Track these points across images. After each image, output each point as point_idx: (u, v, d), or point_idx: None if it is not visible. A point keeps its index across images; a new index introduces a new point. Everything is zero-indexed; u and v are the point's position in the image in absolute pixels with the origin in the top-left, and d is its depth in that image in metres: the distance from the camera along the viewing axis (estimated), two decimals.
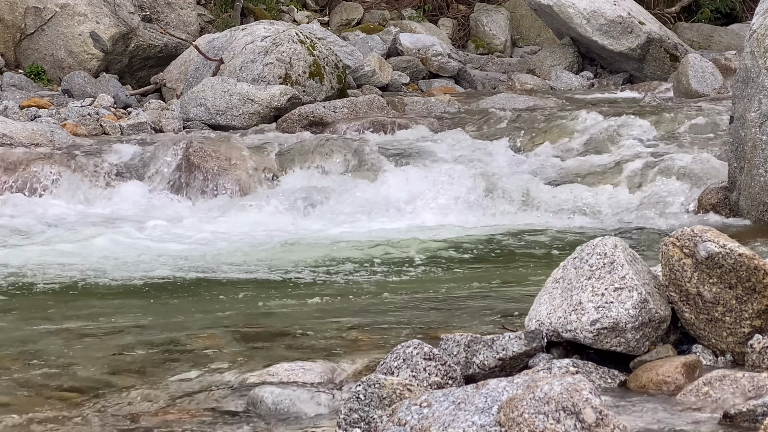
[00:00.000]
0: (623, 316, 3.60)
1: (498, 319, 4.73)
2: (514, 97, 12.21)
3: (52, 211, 8.88)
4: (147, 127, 10.94)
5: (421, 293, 5.86)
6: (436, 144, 9.95)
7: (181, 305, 5.59)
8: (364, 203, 8.93)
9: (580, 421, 2.74)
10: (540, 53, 16.28)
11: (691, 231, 3.70)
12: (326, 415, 3.52)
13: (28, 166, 9.47)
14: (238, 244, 7.62)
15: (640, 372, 3.60)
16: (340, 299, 5.71)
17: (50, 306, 5.60)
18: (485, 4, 18.45)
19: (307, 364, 3.95)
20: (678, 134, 9.84)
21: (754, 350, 3.57)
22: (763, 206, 7.58)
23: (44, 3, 13.61)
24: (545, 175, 9.28)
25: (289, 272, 6.64)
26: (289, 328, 4.75)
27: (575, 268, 3.75)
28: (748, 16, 17.97)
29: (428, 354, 3.50)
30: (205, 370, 4.08)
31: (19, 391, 3.90)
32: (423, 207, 8.74)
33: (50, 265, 6.75)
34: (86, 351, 4.42)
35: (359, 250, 7.27)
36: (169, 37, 14.10)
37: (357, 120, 10.60)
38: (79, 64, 13.44)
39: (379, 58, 14.36)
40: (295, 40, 12.18)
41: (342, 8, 18.06)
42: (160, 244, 7.61)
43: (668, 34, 15.60)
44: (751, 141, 7.60)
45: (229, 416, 3.59)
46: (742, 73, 7.84)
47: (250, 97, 11.23)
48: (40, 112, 11.16)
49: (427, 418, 2.92)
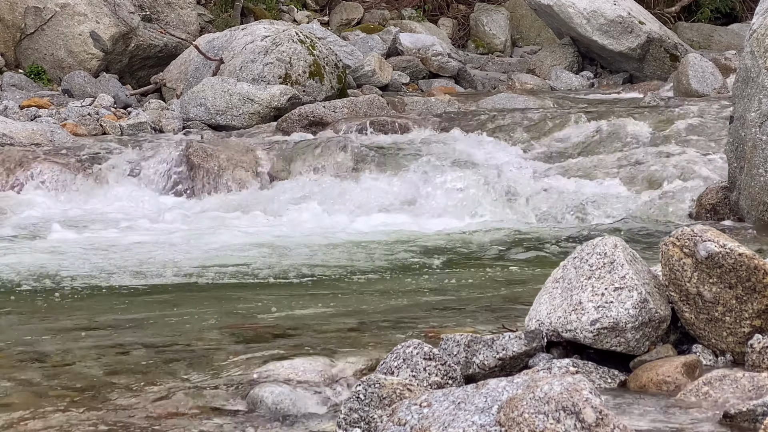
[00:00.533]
0: (623, 316, 3.60)
1: (498, 319, 4.73)
2: (514, 97, 12.21)
3: (51, 211, 8.88)
4: (147, 127, 10.95)
5: (421, 293, 5.86)
6: (436, 144, 9.94)
7: (180, 305, 5.59)
8: (363, 203, 8.93)
9: (580, 421, 2.74)
10: (540, 53, 16.28)
11: (691, 231, 3.70)
12: (326, 415, 3.52)
13: (28, 165, 9.47)
14: (237, 243, 7.62)
15: (640, 372, 3.60)
16: (340, 299, 5.71)
17: (50, 306, 5.60)
18: (485, 4, 18.45)
19: (308, 364, 3.95)
20: (678, 134, 9.84)
21: (754, 350, 3.57)
22: (763, 206, 7.58)
23: (44, 3, 13.61)
24: (545, 174, 9.28)
25: (288, 272, 6.64)
26: (289, 328, 4.75)
27: (575, 267, 3.75)
28: (748, 16, 17.97)
29: (428, 354, 3.50)
30: (205, 369, 4.07)
31: (19, 391, 3.90)
32: (422, 207, 8.74)
33: (49, 265, 6.75)
34: (86, 351, 4.42)
35: (358, 250, 7.27)
36: (169, 37, 14.10)
37: (357, 120, 10.60)
38: (79, 64, 13.44)
39: (379, 58, 14.36)
40: (295, 39, 12.18)
41: (342, 8, 18.06)
42: (159, 244, 7.61)
43: (668, 34, 15.60)
44: (751, 141, 7.60)
45: (229, 416, 3.59)
46: (742, 73, 7.84)
47: (250, 97, 11.23)
48: (40, 112, 11.16)
49: (427, 417, 2.92)
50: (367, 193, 9.07)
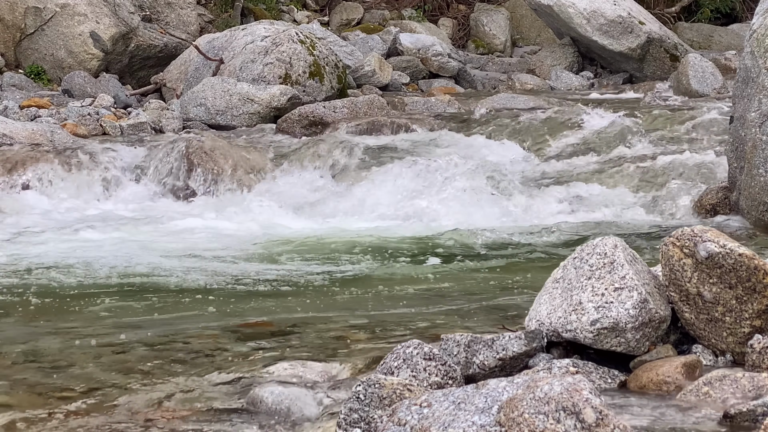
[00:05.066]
0: (623, 316, 3.60)
1: (498, 319, 4.73)
2: (515, 97, 12.21)
3: (51, 211, 8.89)
4: (147, 127, 10.95)
5: (421, 293, 5.86)
6: (436, 144, 9.95)
7: (180, 305, 5.59)
8: (363, 203, 8.93)
9: (580, 421, 2.74)
10: (540, 53, 16.28)
11: (691, 231, 3.70)
12: (326, 415, 3.52)
13: (28, 165, 9.47)
14: (236, 243, 7.62)
15: (640, 372, 3.60)
16: (340, 299, 5.71)
17: (50, 306, 5.60)
18: (485, 4, 18.45)
19: (307, 364, 3.95)
20: (678, 134, 9.84)
21: (754, 350, 3.57)
22: (763, 206, 7.58)
23: (44, 3, 13.61)
24: (545, 174, 9.29)
25: (288, 272, 6.64)
26: (289, 328, 4.76)
27: (575, 267, 3.75)
28: (748, 16, 17.97)
29: (428, 354, 3.50)
30: (206, 369, 4.08)
31: (19, 391, 3.90)
32: (422, 207, 8.74)
33: (49, 265, 6.76)
34: (86, 351, 4.42)
35: (358, 250, 7.27)
36: (169, 37, 14.10)
37: (357, 120, 10.60)
38: (79, 64, 13.44)
39: (379, 58, 14.36)
40: (295, 40, 12.18)
41: (342, 8, 18.06)
42: (159, 244, 7.61)
43: (668, 34, 15.60)
44: (751, 141, 7.60)
45: (229, 416, 3.59)
46: (742, 73, 7.84)
47: (250, 97, 11.23)
48: (40, 112, 11.16)
49: (427, 418, 2.92)
50: (367, 193, 9.07)
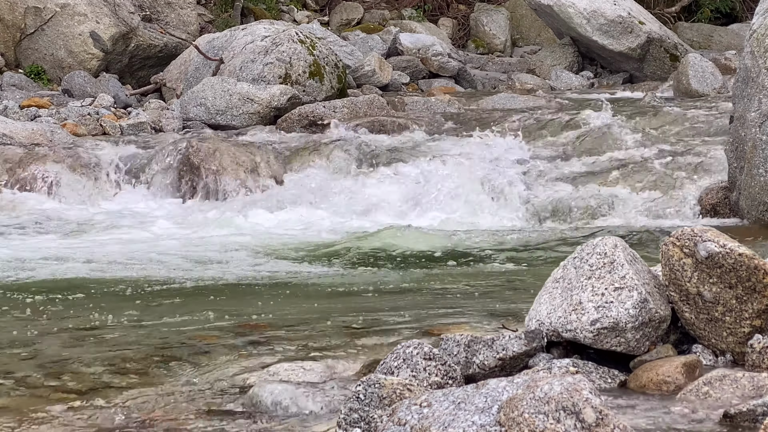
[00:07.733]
0: (623, 316, 3.60)
1: (498, 319, 4.73)
2: (514, 97, 12.21)
3: (51, 211, 8.88)
4: (147, 127, 10.95)
5: (422, 293, 5.86)
6: (436, 144, 9.94)
7: (180, 304, 5.59)
8: (363, 203, 8.93)
9: (580, 421, 2.74)
10: (540, 53, 16.28)
11: (691, 231, 3.70)
12: (326, 415, 3.52)
13: (28, 165, 9.47)
14: (237, 243, 7.62)
15: (640, 372, 3.60)
16: (340, 299, 5.71)
17: (50, 305, 5.60)
18: (485, 4, 18.45)
19: (307, 364, 3.95)
20: (678, 134, 9.84)
21: (754, 350, 3.57)
22: (763, 206, 7.58)
23: (44, 3, 13.61)
24: (545, 174, 9.28)
25: (288, 271, 6.64)
26: (289, 328, 4.75)
27: (575, 267, 3.75)
28: (748, 16, 17.97)
29: (428, 354, 3.50)
30: (205, 369, 4.08)
31: (18, 391, 3.90)
32: (422, 207, 8.74)
33: (50, 265, 6.76)
34: (86, 351, 4.42)
35: (358, 250, 7.27)
36: (169, 37, 14.10)
37: (357, 119, 10.60)
38: (79, 64, 13.44)
39: (379, 57, 14.36)
40: (295, 39, 12.18)
41: (342, 8, 18.06)
42: (159, 244, 7.61)
43: (668, 34, 15.60)
44: (751, 141, 7.60)
45: (228, 416, 3.59)
46: (742, 73, 7.84)
47: (250, 96, 11.23)
48: (40, 111, 11.16)
49: (427, 417, 2.92)
50: (366, 193, 9.07)
